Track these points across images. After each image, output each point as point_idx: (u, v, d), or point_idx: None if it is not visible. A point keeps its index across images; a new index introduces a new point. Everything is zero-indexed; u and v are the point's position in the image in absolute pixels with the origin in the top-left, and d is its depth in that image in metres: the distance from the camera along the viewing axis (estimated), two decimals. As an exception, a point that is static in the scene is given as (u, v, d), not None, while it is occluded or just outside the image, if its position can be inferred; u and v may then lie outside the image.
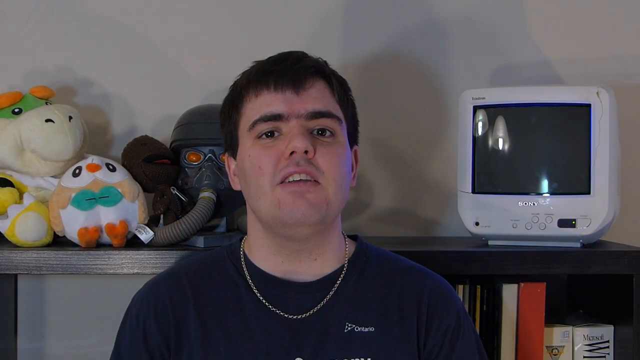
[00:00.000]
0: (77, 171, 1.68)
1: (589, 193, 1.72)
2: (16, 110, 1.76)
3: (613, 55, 2.06)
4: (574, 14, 2.06)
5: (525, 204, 1.76)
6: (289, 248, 1.43)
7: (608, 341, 1.76)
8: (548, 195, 1.75)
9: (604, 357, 1.76)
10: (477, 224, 1.78)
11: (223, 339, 1.41)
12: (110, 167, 1.69)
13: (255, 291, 1.44)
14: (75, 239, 1.66)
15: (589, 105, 1.72)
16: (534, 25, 2.05)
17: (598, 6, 2.06)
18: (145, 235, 1.66)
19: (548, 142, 1.78)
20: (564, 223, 1.73)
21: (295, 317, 1.42)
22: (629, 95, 1.99)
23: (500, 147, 1.79)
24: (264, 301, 1.43)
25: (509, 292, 1.72)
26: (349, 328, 1.42)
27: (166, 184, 1.74)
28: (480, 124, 1.80)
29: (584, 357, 1.76)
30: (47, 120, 1.70)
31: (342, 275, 1.45)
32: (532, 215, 1.74)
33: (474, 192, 1.79)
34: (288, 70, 1.40)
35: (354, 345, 1.41)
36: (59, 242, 1.70)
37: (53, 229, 1.67)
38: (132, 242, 1.69)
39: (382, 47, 2.03)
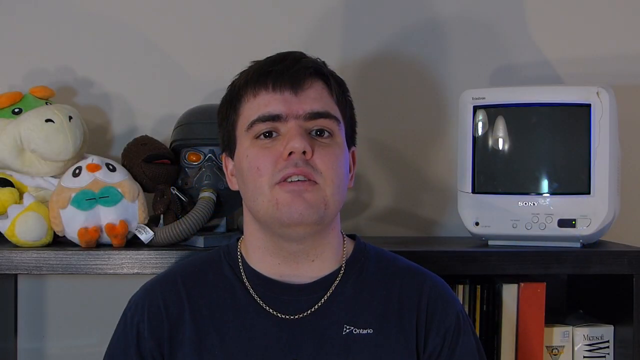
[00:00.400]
0: (77, 171, 1.68)
1: (589, 193, 1.72)
2: (16, 110, 1.76)
3: (613, 55, 2.05)
4: (574, 14, 2.06)
5: (525, 204, 1.76)
6: (286, 249, 1.42)
7: (608, 341, 1.76)
8: (548, 195, 1.75)
9: (604, 357, 1.76)
10: (477, 224, 1.78)
11: (218, 341, 1.40)
12: (110, 167, 1.69)
13: (252, 292, 1.43)
14: (75, 239, 1.66)
15: (589, 105, 1.72)
16: (534, 25, 2.04)
17: (598, 6, 2.06)
18: (145, 235, 1.66)
19: (548, 142, 1.78)
20: (564, 223, 1.73)
21: (292, 318, 1.41)
22: (629, 95, 1.99)
23: (500, 147, 1.79)
24: (260, 302, 1.42)
25: (509, 292, 1.72)
26: (347, 330, 1.41)
27: (166, 184, 1.74)
28: (480, 124, 1.79)
29: (584, 357, 1.76)
30: (47, 120, 1.70)
31: (339, 276, 1.44)
32: (532, 215, 1.74)
33: (474, 192, 1.79)
34: (286, 70, 1.39)
35: (352, 347, 1.40)
36: (59, 242, 1.70)
37: (53, 229, 1.67)
38: (132, 242, 1.69)
39: (381, 47, 2.03)
